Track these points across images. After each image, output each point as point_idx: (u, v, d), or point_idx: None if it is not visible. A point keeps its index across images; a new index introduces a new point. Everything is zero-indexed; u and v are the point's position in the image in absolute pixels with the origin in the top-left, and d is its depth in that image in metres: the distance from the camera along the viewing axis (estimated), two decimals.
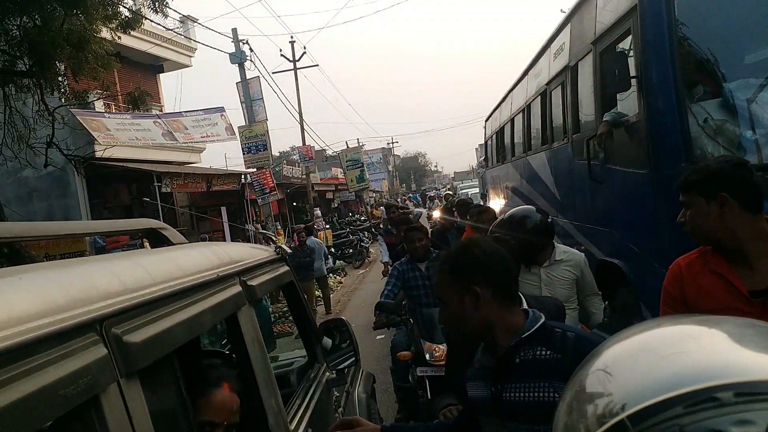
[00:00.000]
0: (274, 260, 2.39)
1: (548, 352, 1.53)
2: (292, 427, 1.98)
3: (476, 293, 1.54)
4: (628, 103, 3.90)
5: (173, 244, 1.89)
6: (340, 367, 2.91)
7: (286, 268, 2.52)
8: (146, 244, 2.05)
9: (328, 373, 2.81)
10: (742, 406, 0.48)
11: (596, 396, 0.58)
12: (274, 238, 9.82)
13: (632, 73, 3.57)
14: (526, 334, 1.54)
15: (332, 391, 2.81)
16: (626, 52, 3.75)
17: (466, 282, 1.56)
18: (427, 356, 3.92)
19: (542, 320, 1.58)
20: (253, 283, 1.91)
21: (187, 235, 15.68)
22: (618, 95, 3.98)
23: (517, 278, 1.71)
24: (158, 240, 1.90)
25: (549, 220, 3.59)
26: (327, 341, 3.11)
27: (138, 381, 1.03)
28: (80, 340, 0.89)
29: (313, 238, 11.61)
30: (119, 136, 12.04)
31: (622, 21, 3.78)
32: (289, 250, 2.60)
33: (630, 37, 3.70)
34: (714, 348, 0.57)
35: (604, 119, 4.00)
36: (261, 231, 12.11)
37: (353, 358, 2.98)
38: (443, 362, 3.86)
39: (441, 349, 3.88)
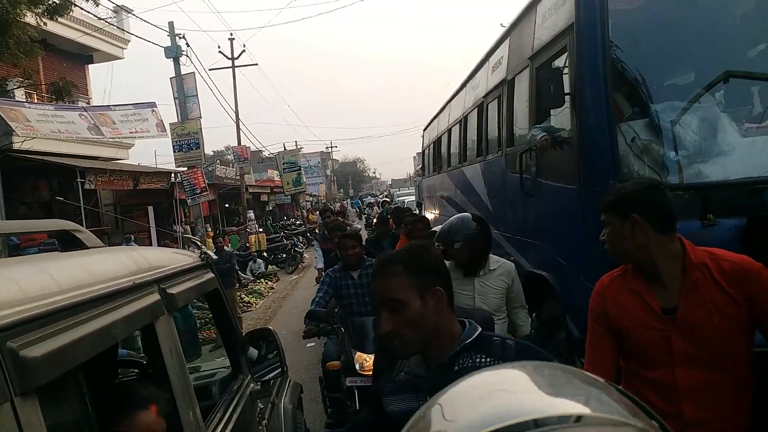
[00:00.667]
0: (198, 266, 2.29)
1: (488, 360, 1.49)
2: None
3: (440, 296, 1.49)
4: (560, 119, 3.99)
5: (87, 248, 1.78)
6: (265, 378, 2.83)
7: (211, 275, 2.43)
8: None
9: (252, 385, 2.72)
10: None
11: (430, 425, 0.69)
12: (199, 243, 9.49)
13: (566, 89, 3.67)
14: (469, 341, 1.50)
15: (256, 402, 2.73)
16: (561, 69, 3.84)
17: (430, 283, 1.49)
18: (357, 366, 3.85)
19: (480, 330, 1.56)
20: (174, 291, 1.83)
21: (112, 235, 14.99)
22: (551, 111, 4.07)
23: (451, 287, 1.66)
24: (71, 243, 1.78)
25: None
26: (253, 352, 3.02)
27: (36, 400, 0.94)
28: None
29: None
30: (40, 127, 11.31)
31: (559, 38, 3.86)
32: (214, 256, 2.49)
33: (566, 54, 3.79)
34: (525, 393, 0.71)
35: (535, 133, 4.07)
36: (187, 235, 11.71)
37: (279, 369, 2.89)
38: (371, 373, 3.81)
39: (371, 358, 3.81)
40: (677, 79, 3.71)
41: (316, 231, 14.90)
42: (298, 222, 27.97)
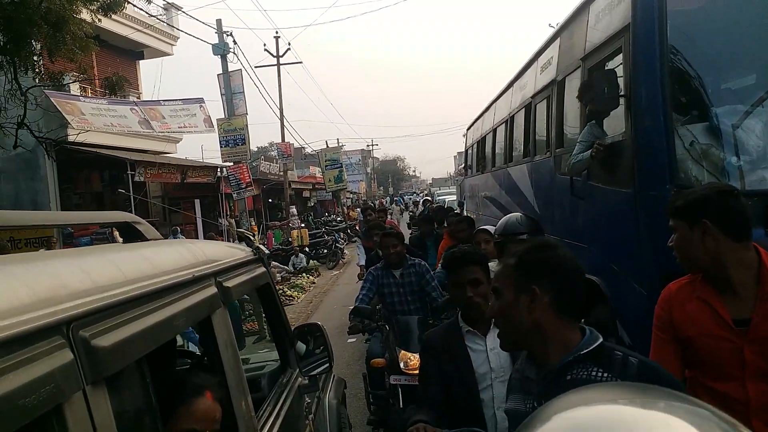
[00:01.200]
0: (251, 261, 2.33)
1: (606, 375, 1.43)
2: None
3: (534, 294, 1.47)
4: (612, 121, 3.91)
5: (147, 240, 1.81)
6: (312, 373, 2.85)
7: (263, 269, 2.46)
8: (116, 235, 1.99)
9: (300, 379, 2.75)
10: None
11: None
12: (251, 238, 9.66)
13: (621, 91, 3.58)
14: (585, 351, 1.45)
15: (304, 397, 2.76)
16: (615, 70, 3.75)
17: (528, 279, 1.49)
18: (401, 365, 3.86)
19: (600, 340, 1.49)
20: (229, 284, 1.85)
21: (159, 227, 15.41)
22: (604, 113, 3.98)
23: (583, 296, 1.55)
24: (131, 234, 1.81)
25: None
26: (301, 346, 3.04)
27: (105, 389, 0.96)
28: (45, 343, 0.82)
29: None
30: (94, 121, 11.74)
31: (613, 39, 3.77)
32: (266, 251, 2.53)
33: (620, 55, 3.70)
34: None
35: (579, 151, 3.99)
36: (238, 230, 12.00)
37: (327, 365, 2.92)
38: (417, 371, 3.81)
39: (416, 358, 3.82)
40: (738, 81, 3.57)
41: (357, 228, 14.98)
42: (338, 218, 28.19)
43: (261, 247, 2.54)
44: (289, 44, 24.96)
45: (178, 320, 1.34)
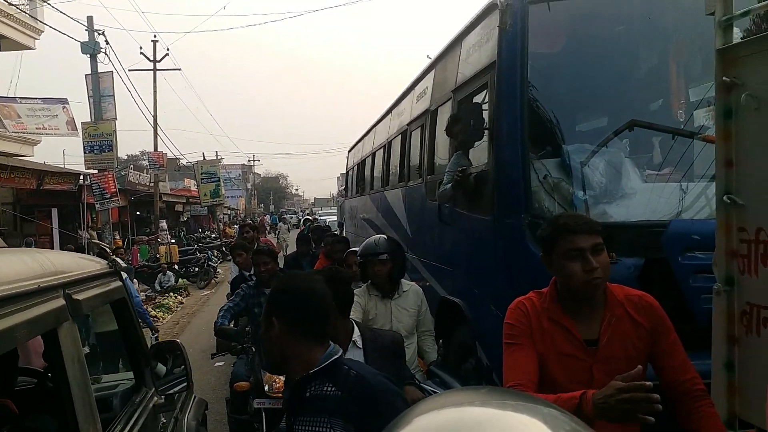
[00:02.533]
0: (106, 274, 2.29)
1: (332, 389, 1.66)
2: None
3: (273, 325, 1.68)
4: (478, 153, 4.13)
5: None
6: (170, 392, 2.83)
7: (119, 283, 2.43)
8: None
9: (156, 398, 2.70)
10: None
11: None
12: (108, 250, 9.07)
13: (486, 124, 3.80)
14: (314, 369, 1.67)
15: (159, 416, 2.71)
16: (481, 104, 3.98)
17: (270, 313, 1.70)
18: (266, 387, 3.75)
19: (336, 356, 1.71)
20: (80, 297, 1.82)
21: (8, 237, 13.88)
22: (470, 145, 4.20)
23: (324, 319, 1.76)
24: None
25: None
26: (161, 368, 2.96)
27: None
28: None
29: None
30: None
31: (481, 75, 4.01)
32: (123, 264, 2.41)
33: (486, 90, 3.93)
34: None
35: (447, 179, 4.18)
36: (95, 241, 11.15)
37: (185, 383, 2.87)
38: (281, 395, 3.72)
39: (281, 380, 3.73)
40: (588, 123, 3.94)
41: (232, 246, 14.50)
42: (213, 235, 27.14)
43: (117, 259, 2.42)
44: (168, 49, 23.86)
45: (18, 332, 1.31)
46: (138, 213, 25.11)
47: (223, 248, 22.60)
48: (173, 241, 19.91)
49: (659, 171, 3.68)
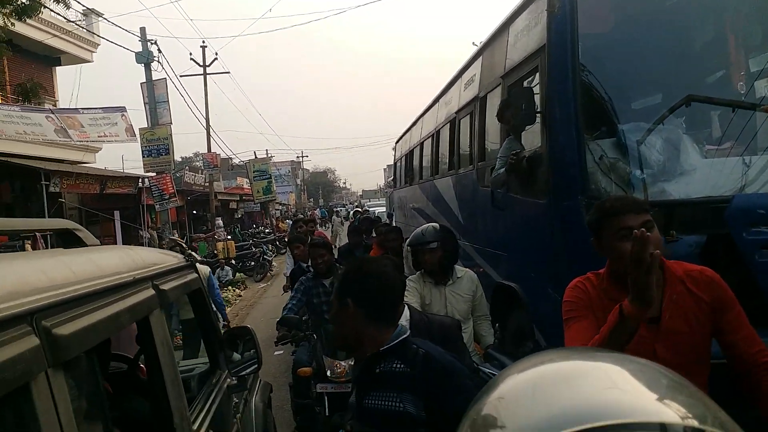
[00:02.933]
0: (184, 266, 2.44)
1: (401, 366, 1.74)
2: (195, 427, 2.05)
3: (348, 306, 1.77)
4: (530, 136, 4.12)
5: (87, 246, 1.92)
6: (241, 373, 2.97)
7: (195, 275, 2.58)
8: (28, 248, 2.00)
9: (229, 380, 2.88)
10: None
11: (490, 425, 0.62)
12: (184, 245, 9.47)
13: (537, 108, 3.80)
14: (384, 347, 1.75)
15: (232, 397, 2.89)
16: (532, 88, 3.97)
17: (343, 295, 1.79)
18: (328, 372, 3.88)
19: (404, 336, 1.79)
20: (165, 287, 1.96)
21: None
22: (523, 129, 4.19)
23: (396, 302, 1.86)
24: (72, 241, 1.94)
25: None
26: (236, 356, 3.12)
27: (63, 372, 1.09)
28: (13, 330, 0.96)
29: None
30: (5, 128, 11.04)
31: (531, 59, 3.99)
32: (199, 258, 2.59)
33: (537, 74, 3.92)
34: (590, 388, 0.62)
35: (499, 166, 4.18)
36: (171, 237, 11.74)
37: (255, 365, 3.02)
38: (344, 379, 3.84)
39: (342, 366, 3.85)
40: (643, 100, 3.87)
41: (286, 239, 14.82)
42: (267, 230, 27.74)
43: (193, 253, 2.59)
44: (216, 54, 24.54)
45: (122, 317, 1.46)
46: (195, 212, 25.92)
47: (277, 242, 23.09)
48: (229, 237, 20.50)
49: (719, 146, 3.59)
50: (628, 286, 1.98)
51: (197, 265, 2.70)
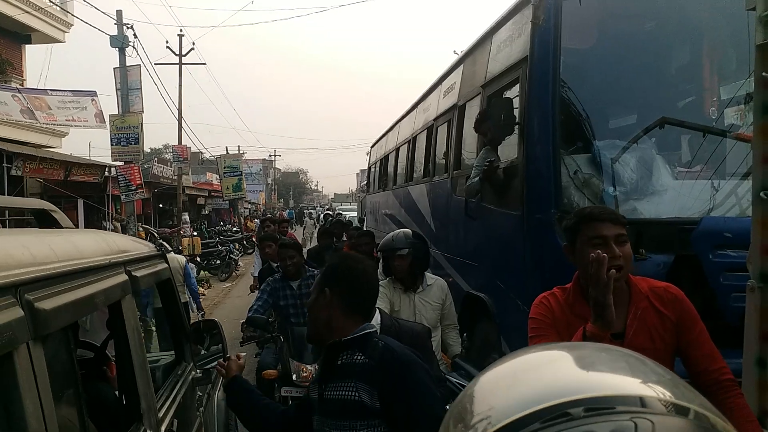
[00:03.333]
0: (155, 256, 2.50)
1: (362, 357, 1.77)
2: (160, 415, 2.09)
3: (325, 295, 1.81)
4: (507, 148, 4.14)
5: (62, 227, 1.96)
6: (207, 366, 3.02)
7: (165, 265, 2.63)
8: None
9: (194, 372, 2.92)
10: (589, 419, 0.54)
11: (468, 415, 0.63)
12: (156, 234, 9.47)
13: (516, 119, 3.82)
14: (348, 337, 1.79)
15: (196, 389, 2.94)
16: (512, 98, 3.99)
17: (323, 284, 1.84)
18: (294, 376, 3.81)
19: (369, 330, 1.82)
20: (138, 274, 2.01)
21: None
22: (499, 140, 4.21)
23: (372, 298, 1.93)
24: (47, 221, 1.96)
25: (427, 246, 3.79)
26: (199, 349, 3.17)
27: (43, 345, 1.13)
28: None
29: None
30: None
31: (512, 69, 4.02)
32: (169, 248, 2.58)
33: (517, 85, 3.94)
34: (569, 368, 0.64)
35: (476, 172, 4.19)
36: (145, 226, 11.67)
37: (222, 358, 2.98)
38: (309, 383, 3.78)
39: (309, 369, 3.79)
40: (619, 119, 3.93)
41: (254, 239, 14.65)
42: (234, 228, 27.38)
43: (164, 243, 2.56)
44: (194, 44, 24.15)
45: (98, 299, 1.51)
46: (161, 205, 25.43)
47: (244, 241, 22.79)
48: (195, 233, 20.15)
49: (689, 168, 3.66)
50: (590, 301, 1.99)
51: (173, 254, 2.68)
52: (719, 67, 4.02)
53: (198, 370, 2.97)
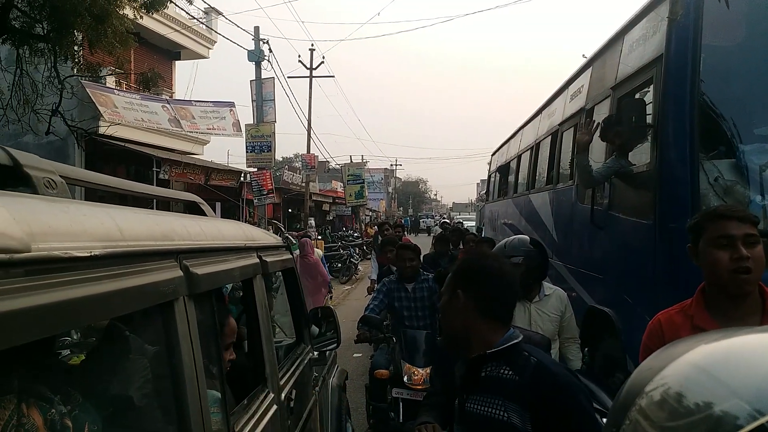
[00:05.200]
0: (282, 246, 2.74)
1: (509, 372, 1.61)
2: (281, 383, 2.28)
3: (459, 297, 1.67)
4: (638, 155, 3.87)
5: (207, 217, 2.18)
6: (323, 349, 3.26)
7: (290, 255, 2.89)
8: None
9: (311, 354, 3.14)
10: None
11: (700, 396, 0.54)
12: (282, 228, 10.23)
13: (648, 122, 3.56)
14: (494, 349, 1.63)
15: (313, 369, 3.15)
16: (644, 100, 3.73)
17: (456, 285, 1.69)
18: (405, 378, 3.83)
19: (516, 340, 1.65)
20: (267, 259, 2.26)
21: None
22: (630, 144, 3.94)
23: (511, 301, 1.74)
24: (197, 212, 2.18)
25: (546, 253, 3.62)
26: (314, 330, 3.40)
27: (195, 301, 1.37)
28: (166, 262, 1.24)
29: None
30: (125, 114, 11.97)
31: (645, 70, 3.76)
32: (294, 241, 2.83)
33: (650, 87, 3.68)
34: None
35: (615, 167, 3.95)
36: (273, 221, 12.74)
37: (335, 344, 3.31)
38: (420, 386, 3.78)
39: (420, 372, 3.79)
40: (765, 124, 3.52)
41: (371, 244, 14.99)
42: (356, 234, 28.21)
43: (289, 237, 2.77)
44: (324, 57, 25.37)
45: (235, 272, 1.80)
46: (289, 210, 26.86)
47: (364, 246, 23.40)
48: (320, 237, 21.03)
49: None
50: (718, 310, 1.81)
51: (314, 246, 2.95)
52: None
53: (315, 352, 3.18)
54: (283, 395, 2.22)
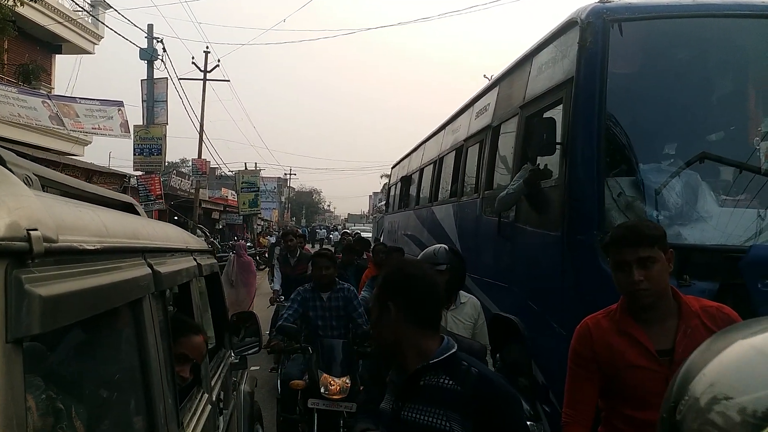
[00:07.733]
0: (209, 251, 2.87)
1: (450, 382, 1.61)
2: (212, 384, 2.39)
3: (389, 310, 1.65)
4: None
5: (152, 219, 2.48)
6: (244, 353, 3.30)
7: (215, 260, 2.99)
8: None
9: (231, 358, 3.24)
10: None
11: (760, 375, 0.56)
12: (208, 234, 10.85)
13: (558, 139, 3.78)
14: (434, 360, 1.63)
15: (232, 373, 3.25)
16: (554, 119, 3.96)
17: (385, 297, 1.68)
18: (322, 389, 3.74)
19: (453, 350, 1.66)
20: (201, 262, 2.34)
21: None
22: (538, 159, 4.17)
23: (438, 306, 1.76)
24: (132, 213, 2.15)
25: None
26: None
27: (160, 297, 1.48)
28: (135, 260, 1.30)
29: None
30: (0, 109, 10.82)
31: (555, 90, 4.00)
32: (218, 246, 2.80)
33: (560, 106, 3.92)
34: None
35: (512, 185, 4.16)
36: (199, 226, 13.06)
37: (257, 348, 3.36)
38: (337, 396, 3.71)
39: (337, 382, 3.72)
40: (663, 145, 3.89)
41: (266, 255, 14.66)
42: (248, 244, 27.42)
43: (214, 242, 2.76)
44: (219, 61, 24.54)
45: (185, 273, 1.89)
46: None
47: (257, 257, 22.80)
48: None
49: (735, 197, 3.60)
50: (640, 317, 1.98)
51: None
52: (765, 98, 3.98)
53: (236, 357, 3.27)
54: (214, 396, 2.34)
